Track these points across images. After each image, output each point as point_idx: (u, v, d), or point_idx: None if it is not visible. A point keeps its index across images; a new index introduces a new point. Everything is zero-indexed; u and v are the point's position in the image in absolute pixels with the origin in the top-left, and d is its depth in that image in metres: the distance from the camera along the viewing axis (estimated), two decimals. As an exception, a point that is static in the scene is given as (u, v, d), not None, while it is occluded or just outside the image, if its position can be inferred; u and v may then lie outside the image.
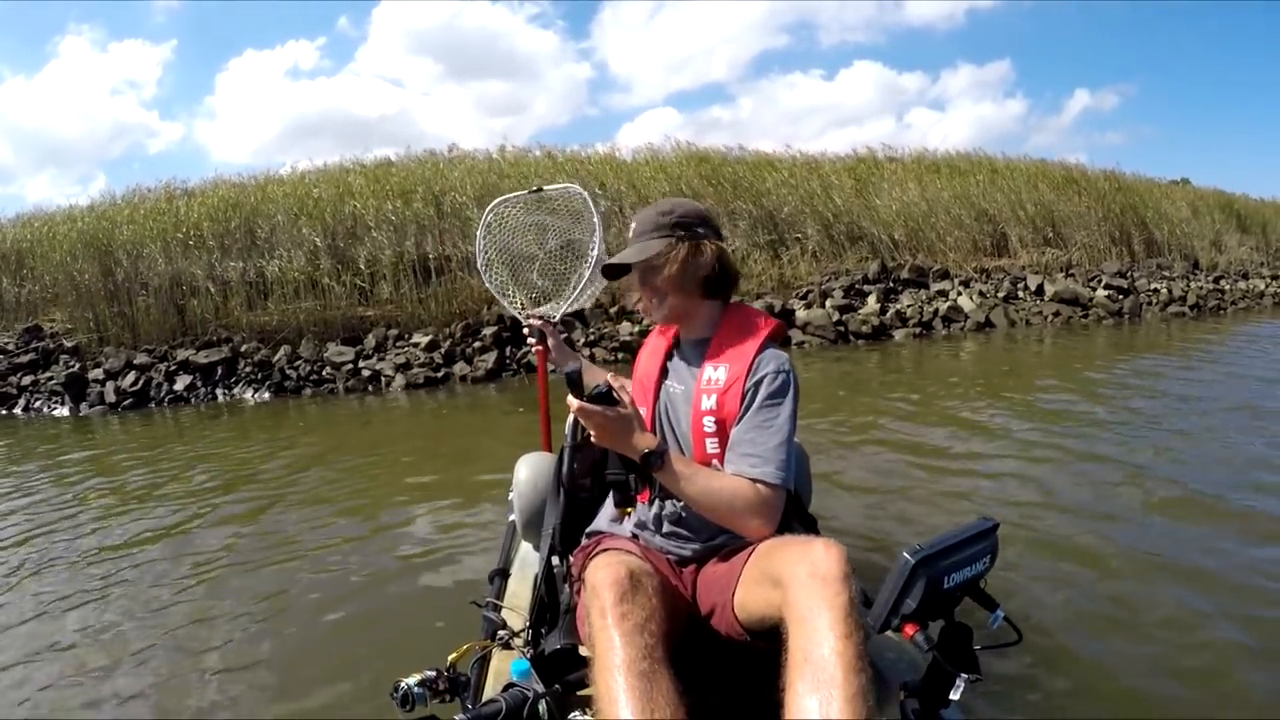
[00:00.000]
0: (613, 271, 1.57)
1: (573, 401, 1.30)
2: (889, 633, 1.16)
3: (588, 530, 1.62)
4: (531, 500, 1.97)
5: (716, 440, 1.43)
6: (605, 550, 1.39)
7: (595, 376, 1.49)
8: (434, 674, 1.33)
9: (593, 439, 1.34)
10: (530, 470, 2.02)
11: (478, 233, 2.35)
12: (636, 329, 7.81)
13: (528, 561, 1.97)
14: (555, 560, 1.59)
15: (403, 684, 1.31)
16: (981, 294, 10.35)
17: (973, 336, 9.24)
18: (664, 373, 1.57)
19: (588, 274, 2.25)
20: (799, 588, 1.11)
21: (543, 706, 1.25)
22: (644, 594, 1.17)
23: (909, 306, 9.48)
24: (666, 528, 1.49)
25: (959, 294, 10.14)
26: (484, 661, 1.50)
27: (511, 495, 2.07)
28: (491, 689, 1.38)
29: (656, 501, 1.50)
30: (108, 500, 4.30)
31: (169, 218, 8.91)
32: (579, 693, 1.30)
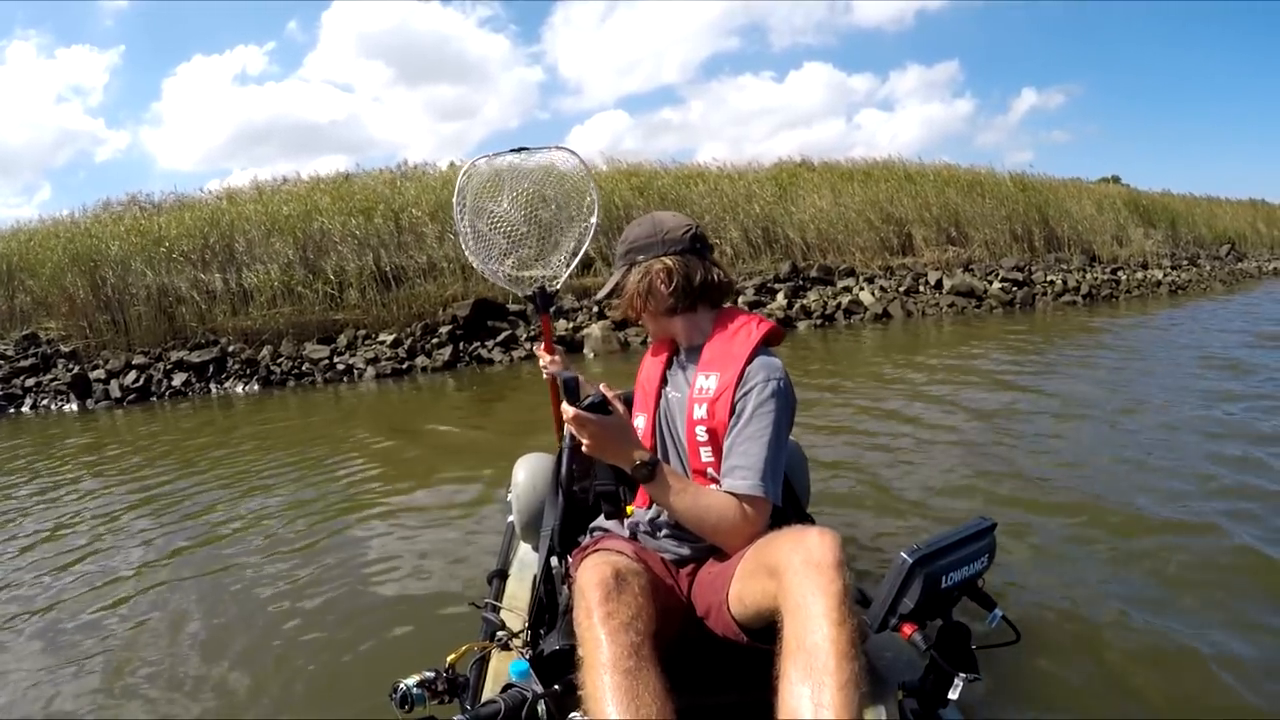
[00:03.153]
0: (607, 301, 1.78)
1: (567, 410, 1.36)
2: (887, 632, 1.22)
3: (590, 526, 1.72)
4: (530, 502, 2.09)
5: (710, 449, 1.52)
6: (597, 551, 1.46)
7: (586, 389, 1.58)
8: (433, 675, 1.41)
9: (584, 448, 1.39)
10: (529, 472, 2.15)
11: (454, 198, 2.37)
12: (571, 325, 9.70)
13: (526, 563, 2.09)
14: (554, 561, 1.67)
15: (401, 685, 1.38)
16: (883, 289, 12.46)
17: (871, 326, 11.20)
18: (664, 380, 1.67)
19: (589, 235, 2.40)
20: (794, 575, 1.18)
21: (541, 707, 1.31)
22: (630, 593, 1.24)
23: (814, 301, 11.53)
24: (664, 530, 1.59)
25: (861, 289, 12.24)
26: (483, 662, 1.57)
27: (510, 497, 2.20)
28: (490, 690, 1.45)
29: (653, 506, 1.59)
30: (92, 496, 4.77)
31: (150, 235, 10.54)
32: (578, 693, 1.39)
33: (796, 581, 1.17)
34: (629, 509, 1.67)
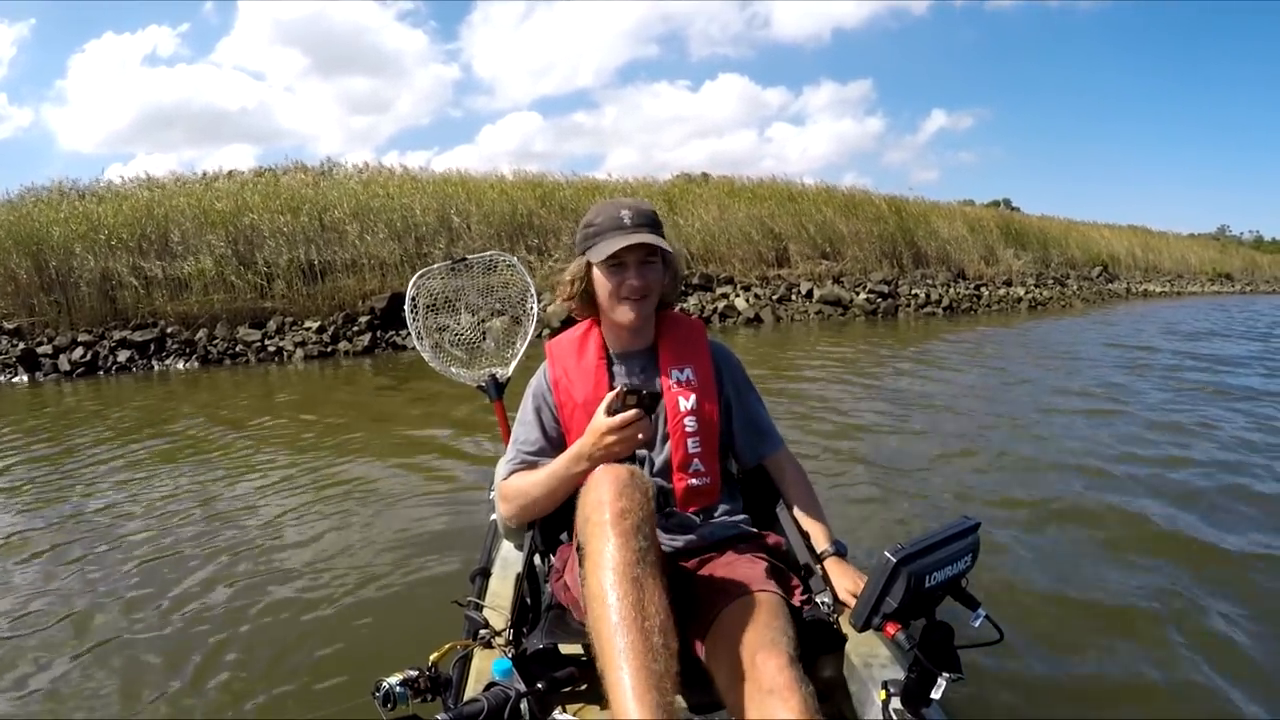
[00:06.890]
0: (628, 250, 1.59)
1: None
2: (870, 632, 1.30)
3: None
4: None
5: (698, 438, 1.67)
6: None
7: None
8: (416, 673, 1.48)
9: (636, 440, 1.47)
10: None
11: (405, 308, 2.74)
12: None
13: (509, 561, 2.20)
14: (537, 559, 1.80)
15: (384, 683, 1.45)
16: (757, 296, 15.16)
17: (744, 329, 13.83)
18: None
19: (531, 330, 2.81)
20: (750, 700, 1.25)
21: (524, 705, 1.41)
22: (641, 492, 1.33)
23: (694, 306, 14.12)
24: (667, 524, 1.68)
25: (737, 296, 14.90)
26: (466, 661, 1.66)
27: (492, 494, 2.30)
28: (473, 688, 1.53)
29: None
30: (57, 472, 5.08)
31: (91, 221, 12.32)
32: (561, 691, 1.50)
33: (757, 701, 1.24)
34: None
